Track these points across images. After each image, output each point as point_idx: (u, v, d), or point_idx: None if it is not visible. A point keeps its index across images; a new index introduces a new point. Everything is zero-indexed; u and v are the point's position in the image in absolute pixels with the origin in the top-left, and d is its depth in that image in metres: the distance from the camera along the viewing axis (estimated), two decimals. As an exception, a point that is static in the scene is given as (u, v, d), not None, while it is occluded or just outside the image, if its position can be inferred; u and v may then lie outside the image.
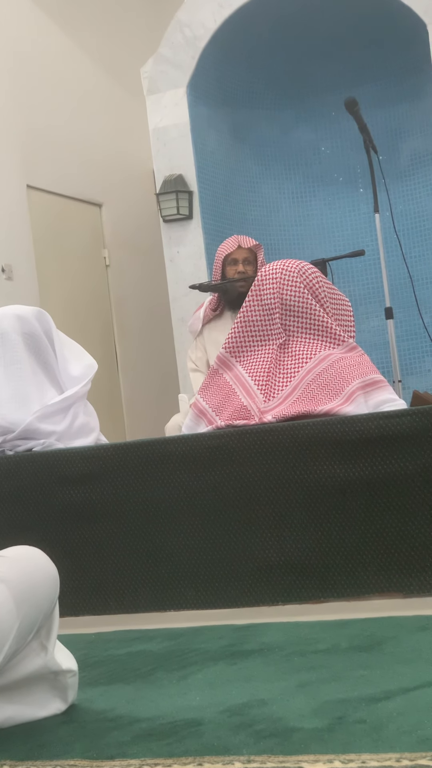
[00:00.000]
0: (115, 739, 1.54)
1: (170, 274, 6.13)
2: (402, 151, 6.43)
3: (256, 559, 2.56)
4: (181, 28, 6.10)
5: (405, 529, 2.43)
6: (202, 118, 6.24)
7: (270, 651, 2.06)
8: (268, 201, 6.64)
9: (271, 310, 2.90)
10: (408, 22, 5.77)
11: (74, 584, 2.65)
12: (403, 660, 1.84)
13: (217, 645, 2.17)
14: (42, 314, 3.11)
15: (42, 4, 6.53)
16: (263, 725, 1.51)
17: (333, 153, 6.70)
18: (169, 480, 2.67)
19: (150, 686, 1.87)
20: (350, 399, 2.68)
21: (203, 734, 1.51)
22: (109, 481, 2.74)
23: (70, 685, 1.73)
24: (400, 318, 5.41)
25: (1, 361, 3.01)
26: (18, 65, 6.24)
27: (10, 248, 5.97)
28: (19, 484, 2.83)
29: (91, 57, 7.02)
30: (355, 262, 5.77)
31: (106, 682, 1.95)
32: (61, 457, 2.81)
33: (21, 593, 1.63)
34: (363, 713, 1.51)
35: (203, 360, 4.72)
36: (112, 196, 7.07)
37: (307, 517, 2.52)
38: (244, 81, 6.48)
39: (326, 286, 2.95)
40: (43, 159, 6.36)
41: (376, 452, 2.46)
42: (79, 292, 6.65)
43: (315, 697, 1.63)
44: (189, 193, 6.06)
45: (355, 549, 2.47)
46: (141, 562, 2.68)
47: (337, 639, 2.08)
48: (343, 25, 6.23)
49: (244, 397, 2.83)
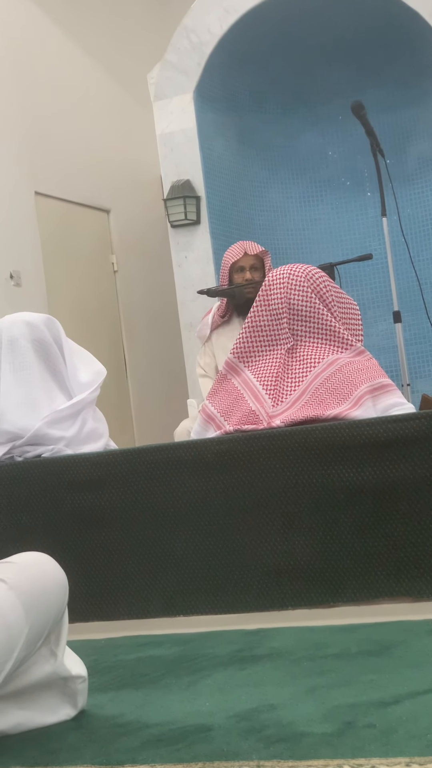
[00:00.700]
0: (124, 745, 1.54)
1: (178, 279, 6.14)
2: (409, 155, 6.42)
3: (265, 564, 2.56)
4: (187, 34, 6.11)
5: (414, 532, 2.43)
6: (209, 123, 6.25)
7: (279, 656, 2.06)
8: (275, 206, 6.64)
9: (279, 315, 2.90)
10: (415, 25, 5.77)
11: (83, 590, 2.65)
12: (412, 664, 1.84)
13: (227, 650, 2.17)
14: (51, 321, 3.12)
15: (48, 12, 6.55)
16: (273, 730, 1.51)
17: (340, 157, 6.70)
18: (178, 485, 2.67)
19: (159, 692, 1.87)
20: (358, 403, 2.68)
21: (213, 739, 1.51)
22: (118, 486, 2.74)
23: (79, 690, 1.73)
24: (408, 322, 5.40)
25: (11, 367, 3.02)
26: (25, 72, 6.26)
27: (18, 255, 5.98)
28: (28, 490, 2.83)
29: (98, 63, 7.04)
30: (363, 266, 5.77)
31: (116, 688, 1.95)
32: (70, 462, 2.82)
33: (30, 599, 1.63)
34: (372, 718, 1.50)
35: (212, 365, 4.71)
36: (120, 202, 7.08)
37: (316, 522, 2.52)
38: (251, 86, 6.49)
39: (334, 290, 2.95)
40: (50, 165, 6.38)
41: (384, 456, 2.46)
42: (87, 297, 6.66)
43: (324, 702, 1.63)
44: (196, 198, 6.07)
45: (364, 553, 2.47)
46: (150, 567, 2.68)
47: (347, 643, 2.08)
48: (350, 30, 6.24)
49: (253, 402, 2.83)
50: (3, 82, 6.07)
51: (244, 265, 4.64)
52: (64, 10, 6.71)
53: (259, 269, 4.65)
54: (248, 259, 4.65)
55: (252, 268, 4.64)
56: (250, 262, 4.65)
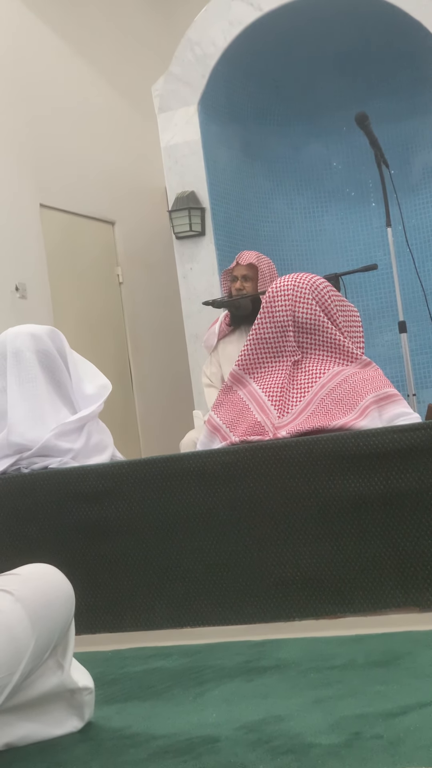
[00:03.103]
0: (131, 757, 1.54)
1: (183, 290, 6.15)
2: (413, 165, 6.43)
3: (271, 575, 2.56)
4: (191, 47, 6.13)
5: (421, 543, 2.42)
6: (214, 135, 6.27)
7: (286, 667, 2.05)
8: (280, 217, 6.65)
9: (285, 327, 2.90)
10: (418, 36, 5.79)
11: (90, 602, 2.65)
12: (419, 675, 1.83)
13: (234, 661, 2.17)
14: (55, 333, 3.12)
15: (52, 26, 6.59)
16: (280, 741, 1.51)
17: (344, 168, 6.71)
18: (184, 496, 2.68)
19: (166, 703, 1.87)
20: (364, 413, 2.67)
21: (220, 751, 1.50)
22: (124, 497, 2.74)
23: (86, 702, 1.73)
24: (413, 332, 5.40)
25: (17, 380, 3.02)
26: (30, 85, 6.29)
27: (23, 267, 6.00)
28: (35, 502, 2.83)
29: (103, 76, 7.07)
30: (368, 277, 5.78)
31: (123, 700, 1.95)
32: (76, 474, 2.82)
33: (37, 611, 1.63)
34: (380, 729, 1.50)
35: (218, 375, 4.72)
36: (125, 214, 7.10)
37: (322, 532, 2.52)
38: (255, 98, 6.51)
39: (336, 299, 2.95)
40: (55, 178, 6.40)
41: (391, 466, 2.46)
42: (92, 309, 6.67)
43: (332, 713, 1.63)
44: (201, 209, 6.08)
45: (371, 564, 2.46)
46: (157, 578, 2.68)
47: (354, 654, 2.08)
48: (353, 41, 6.26)
49: (258, 413, 2.83)
50: (8, 96, 6.10)
51: (237, 274, 4.65)
52: (68, 24, 6.75)
53: (251, 279, 4.62)
54: (240, 269, 4.65)
55: (243, 278, 4.62)
56: (242, 272, 4.64)
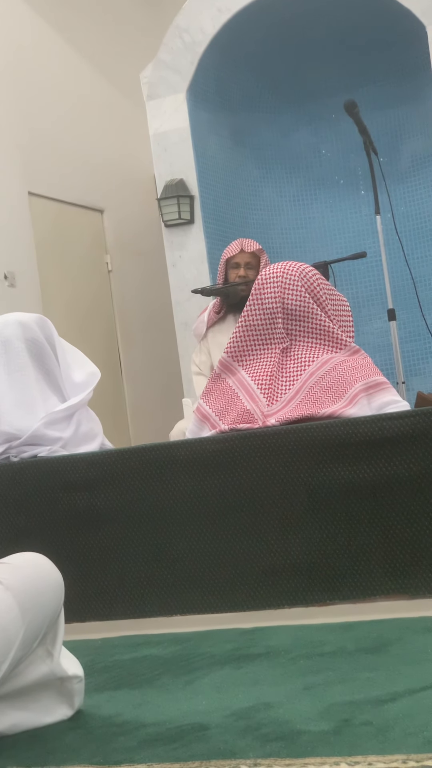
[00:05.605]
0: (121, 745, 1.54)
1: (172, 278, 6.13)
2: (402, 153, 6.43)
3: (261, 563, 2.56)
4: (180, 34, 6.11)
5: (410, 530, 2.43)
6: (202, 122, 6.24)
7: (276, 654, 2.06)
8: (269, 204, 6.64)
9: (273, 315, 2.90)
10: (407, 23, 5.77)
11: (80, 590, 2.65)
12: (409, 661, 1.84)
13: (223, 649, 2.17)
14: (43, 321, 3.11)
15: (41, 12, 6.55)
16: (270, 729, 1.51)
17: (333, 155, 6.70)
18: (173, 484, 2.67)
19: (156, 691, 1.87)
20: (353, 401, 2.68)
21: (210, 738, 1.50)
22: (113, 486, 2.74)
23: (76, 690, 1.73)
24: (402, 319, 5.40)
25: (6, 369, 3.01)
26: (18, 72, 6.25)
27: (12, 255, 5.97)
28: (24, 491, 2.83)
29: (91, 63, 7.04)
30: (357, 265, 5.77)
31: (113, 688, 1.95)
32: (65, 463, 2.81)
33: (26, 600, 1.63)
34: (369, 715, 1.51)
35: (207, 363, 4.71)
36: (114, 202, 7.08)
37: (312, 520, 2.52)
38: (244, 85, 6.49)
39: (326, 288, 2.95)
40: (44, 166, 6.37)
41: (380, 454, 2.46)
42: (81, 297, 6.66)
43: (321, 700, 1.63)
44: (190, 197, 6.06)
45: (360, 551, 2.47)
46: (146, 566, 2.68)
47: (344, 641, 2.08)
48: (342, 28, 6.24)
49: (247, 401, 2.83)
50: (-4, 83, 6.07)
51: (240, 261, 4.64)
52: (56, 10, 6.71)
53: (254, 267, 4.64)
54: (244, 255, 4.64)
55: (247, 265, 4.63)
56: (246, 259, 4.64)
